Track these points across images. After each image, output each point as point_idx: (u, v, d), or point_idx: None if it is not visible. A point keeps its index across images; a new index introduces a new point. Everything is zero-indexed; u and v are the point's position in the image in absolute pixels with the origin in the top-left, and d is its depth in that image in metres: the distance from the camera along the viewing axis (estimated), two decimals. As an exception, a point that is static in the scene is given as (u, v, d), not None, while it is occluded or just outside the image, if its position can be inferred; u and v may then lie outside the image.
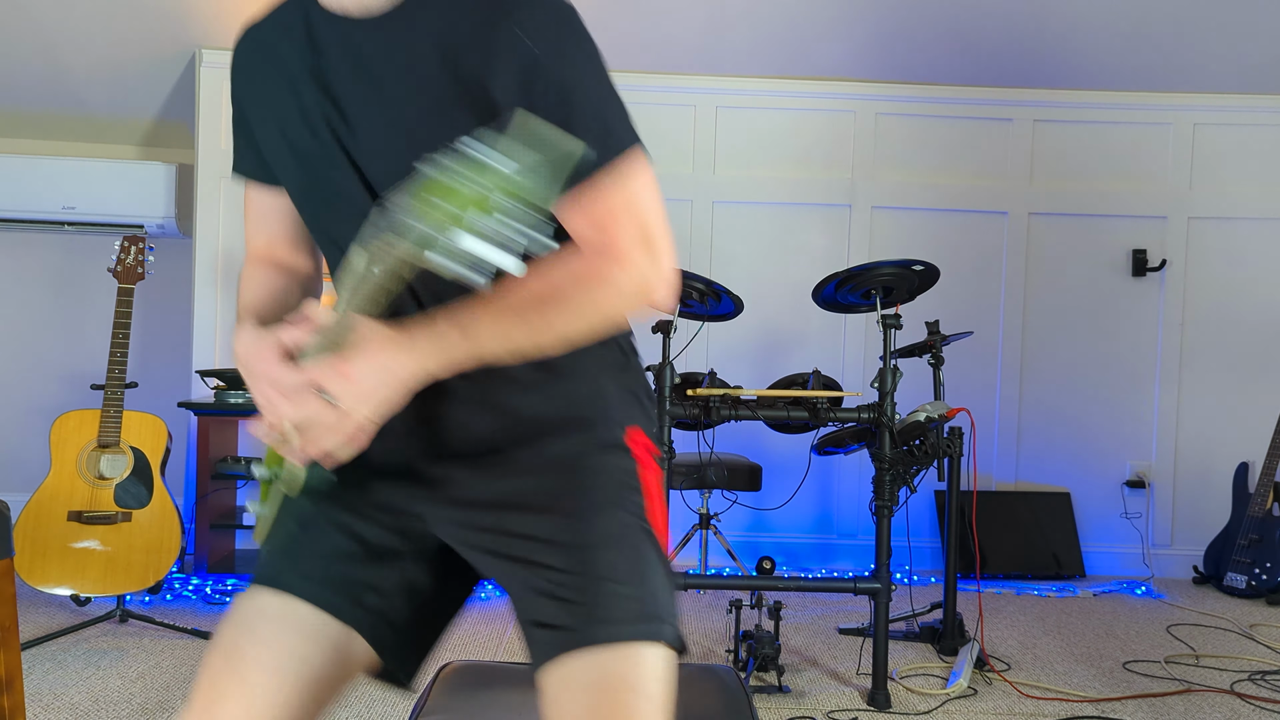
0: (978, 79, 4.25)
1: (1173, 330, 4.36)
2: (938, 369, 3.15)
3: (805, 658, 3.12)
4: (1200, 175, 4.36)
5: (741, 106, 4.30)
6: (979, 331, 4.33)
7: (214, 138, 4.19)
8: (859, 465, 4.34)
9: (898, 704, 2.75)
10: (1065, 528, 4.28)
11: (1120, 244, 4.37)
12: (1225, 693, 2.88)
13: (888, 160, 4.35)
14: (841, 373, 4.33)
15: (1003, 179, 4.35)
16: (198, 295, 4.20)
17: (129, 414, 3.09)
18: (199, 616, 3.36)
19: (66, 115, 4.46)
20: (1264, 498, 4.02)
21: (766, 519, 4.24)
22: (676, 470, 3.49)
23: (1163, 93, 4.30)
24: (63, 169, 4.23)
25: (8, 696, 1.64)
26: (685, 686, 1.56)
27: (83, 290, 4.65)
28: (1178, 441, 4.38)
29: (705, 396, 2.76)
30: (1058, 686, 2.92)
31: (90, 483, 3.05)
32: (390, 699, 2.67)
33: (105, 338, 3.38)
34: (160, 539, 3.06)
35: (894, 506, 2.75)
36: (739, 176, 4.31)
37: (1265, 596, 3.92)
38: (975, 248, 4.36)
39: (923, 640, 3.30)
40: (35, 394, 4.66)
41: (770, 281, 4.32)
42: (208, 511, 3.80)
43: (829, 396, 2.79)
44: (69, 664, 2.88)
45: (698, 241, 4.28)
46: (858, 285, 2.87)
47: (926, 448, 2.87)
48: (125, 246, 3.17)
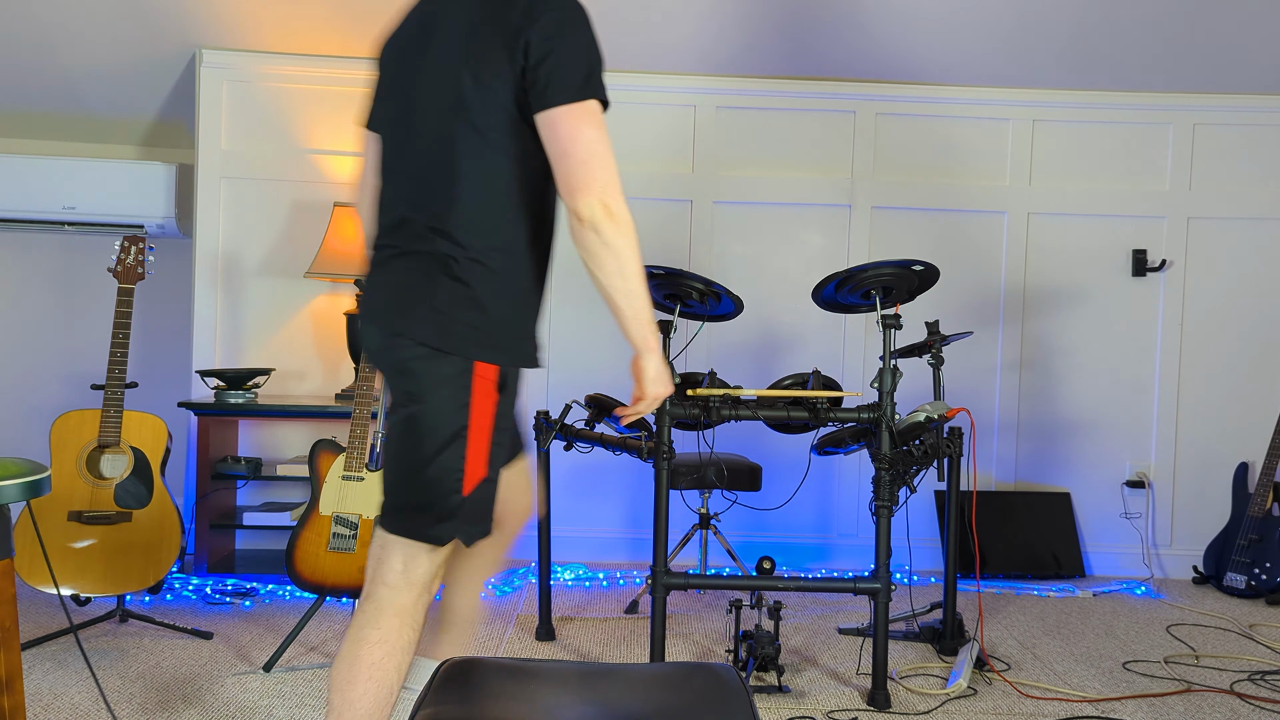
0: (976, 79, 4.25)
1: (1172, 330, 4.36)
2: (938, 369, 3.14)
3: (805, 658, 3.12)
4: (1200, 175, 4.36)
5: (742, 106, 4.30)
6: (979, 331, 4.33)
7: (214, 138, 4.20)
8: (859, 465, 4.35)
9: (898, 704, 2.75)
10: (1065, 528, 4.28)
11: (1120, 244, 4.38)
12: (1225, 693, 2.89)
13: (888, 160, 4.35)
14: (841, 373, 4.34)
15: (1002, 178, 4.36)
16: (198, 295, 4.20)
17: (129, 414, 3.10)
18: (199, 616, 3.37)
19: (66, 115, 4.46)
20: (1264, 498, 4.02)
21: (766, 519, 4.24)
22: (676, 470, 3.50)
23: (1163, 93, 4.30)
24: (63, 169, 4.24)
25: (8, 696, 1.64)
26: (686, 686, 1.56)
27: (83, 290, 4.66)
28: (1178, 441, 4.38)
29: (705, 396, 2.76)
30: (1057, 686, 2.92)
31: (90, 483, 3.05)
32: (390, 699, 2.67)
33: (105, 338, 3.38)
34: (160, 539, 3.06)
35: (894, 506, 2.75)
36: (739, 177, 4.31)
37: (1265, 596, 3.92)
38: (975, 248, 4.37)
39: (923, 640, 3.30)
40: (35, 394, 4.66)
41: (770, 281, 4.32)
42: (208, 511, 3.80)
43: (829, 396, 2.79)
44: (69, 664, 2.88)
45: (698, 241, 4.28)
46: (858, 285, 2.87)
47: (926, 448, 2.87)
48: (125, 246, 3.17)
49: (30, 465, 1.66)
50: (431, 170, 1.75)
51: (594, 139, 1.68)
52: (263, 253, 4.24)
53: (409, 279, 1.76)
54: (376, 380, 3.01)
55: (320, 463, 2.92)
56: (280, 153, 4.23)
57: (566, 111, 1.67)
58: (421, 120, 1.77)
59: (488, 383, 1.75)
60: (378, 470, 2.89)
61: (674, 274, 2.83)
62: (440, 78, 1.75)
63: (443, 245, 1.73)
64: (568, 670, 1.59)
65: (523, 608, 3.60)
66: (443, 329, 1.72)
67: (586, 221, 1.71)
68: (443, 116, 1.74)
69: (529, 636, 3.28)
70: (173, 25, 3.99)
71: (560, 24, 1.68)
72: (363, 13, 3.95)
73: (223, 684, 2.76)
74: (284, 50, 4.17)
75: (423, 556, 1.77)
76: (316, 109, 4.23)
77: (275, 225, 4.23)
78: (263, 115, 4.22)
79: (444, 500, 1.74)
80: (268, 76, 4.21)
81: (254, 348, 4.24)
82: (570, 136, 1.67)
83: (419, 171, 1.77)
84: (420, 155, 1.77)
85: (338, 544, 2.85)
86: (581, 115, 1.68)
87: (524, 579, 3.95)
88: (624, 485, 4.32)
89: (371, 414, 2.95)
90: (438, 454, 1.73)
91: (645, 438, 2.83)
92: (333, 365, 4.27)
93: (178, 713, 2.55)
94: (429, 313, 1.73)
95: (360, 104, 3.20)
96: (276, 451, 4.24)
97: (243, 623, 3.31)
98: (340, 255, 3.91)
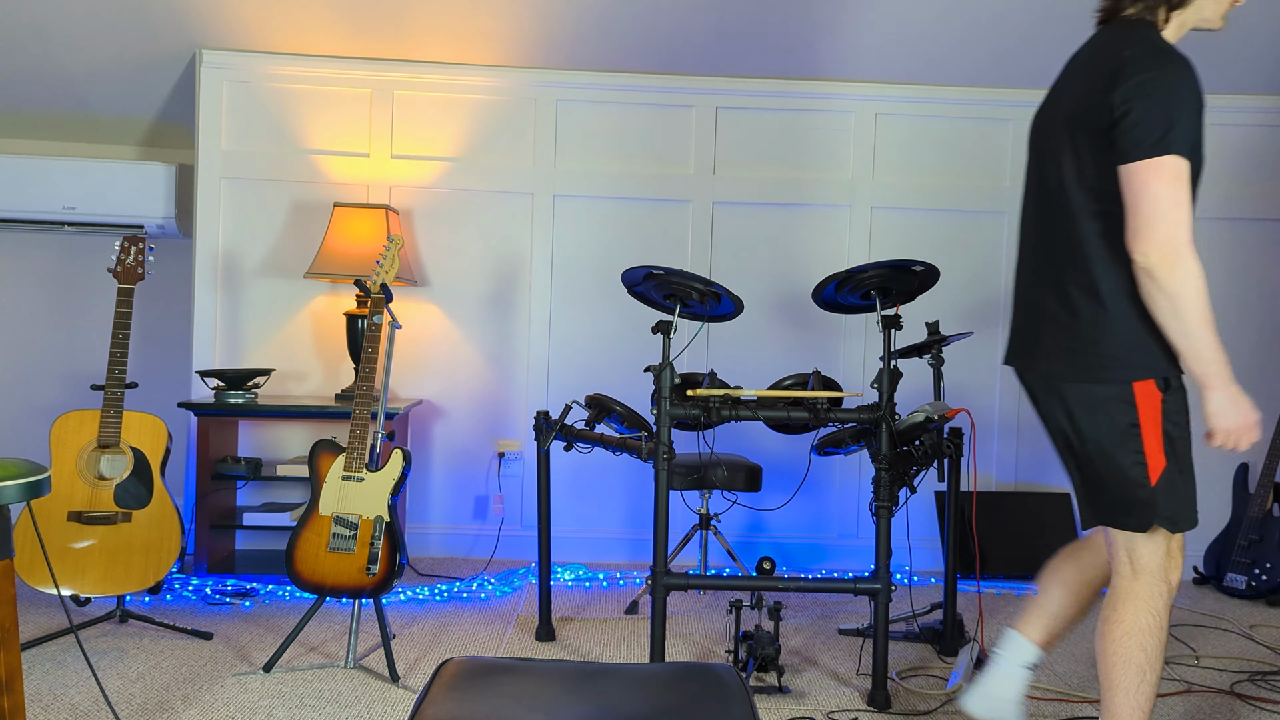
0: (976, 79, 4.25)
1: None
2: (938, 369, 3.14)
3: (805, 658, 3.12)
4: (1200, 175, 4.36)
5: (741, 107, 4.30)
6: (979, 332, 4.33)
7: (214, 138, 4.20)
8: (859, 465, 4.35)
9: (898, 704, 2.75)
10: (1065, 528, 4.28)
11: (1120, 244, 4.37)
12: (1225, 693, 2.89)
13: (888, 160, 4.35)
14: (841, 373, 4.34)
15: (1002, 179, 4.36)
16: (198, 295, 4.20)
17: (129, 414, 3.10)
18: (199, 617, 3.37)
19: (66, 115, 4.46)
20: (1264, 498, 4.02)
21: (766, 519, 4.24)
22: (676, 470, 3.50)
23: (1163, 93, 4.30)
24: (63, 169, 4.24)
25: (8, 697, 1.64)
26: (686, 686, 1.56)
27: (83, 290, 4.66)
28: (1178, 442, 4.37)
29: (705, 397, 2.76)
30: (1058, 687, 2.92)
31: (90, 483, 3.05)
32: (390, 698, 2.67)
33: (105, 338, 3.38)
34: (160, 539, 3.06)
35: (894, 507, 2.75)
36: (739, 176, 4.31)
37: (1265, 597, 3.92)
38: (975, 248, 4.37)
39: (923, 641, 3.30)
40: (35, 394, 4.66)
41: (770, 281, 4.33)
42: (208, 511, 3.80)
43: (829, 397, 2.79)
44: (69, 664, 2.88)
45: (698, 241, 4.28)
46: (858, 286, 2.87)
47: (926, 448, 2.87)
48: (125, 247, 3.17)
49: (30, 465, 1.66)
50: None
51: (1161, 194, 1.85)
52: (263, 253, 4.24)
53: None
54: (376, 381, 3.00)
55: (320, 463, 2.92)
56: (280, 153, 4.23)
57: (1138, 167, 1.87)
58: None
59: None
60: (378, 471, 2.89)
61: (674, 274, 2.84)
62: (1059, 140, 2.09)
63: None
64: (568, 670, 1.59)
65: (523, 608, 3.60)
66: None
67: (1141, 267, 1.88)
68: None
69: (529, 637, 3.28)
70: (173, 25, 3.99)
71: (1142, 85, 1.88)
72: (363, 13, 3.95)
73: (223, 684, 2.76)
74: (284, 50, 4.17)
75: (1140, 546, 1.99)
76: (316, 109, 4.23)
77: (275, 225, 4.23)
78: (263, 115, 4.22)
79: (1133, 491, 1.98)
80: (268, 76, 4.21)
81: (254, 348, 4.24)
82: (1137, 191, 1.87)
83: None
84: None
85: (337, 544, 2.85)
86: (1150, 171, 1.86)
87: (524, 579, 3.95)
88: (624, 485, 4.32)
89: (371, 414, 2.95)
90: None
91: (645, 438, 2.83)
92: (333, 366, 4.27)
93: (177, 713, 2.55)
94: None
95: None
96: (276, 452, 4.24)
97: (242, 623, 3.31)
98: (340, 256, 3.91)
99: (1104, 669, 2.02)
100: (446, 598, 3.70)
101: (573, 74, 4.24)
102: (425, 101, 4.27)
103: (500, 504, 4.29)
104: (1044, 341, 2.05)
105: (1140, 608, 2.00)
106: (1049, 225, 2.08)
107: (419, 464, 4.29)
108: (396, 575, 2.85)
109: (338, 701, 2.65)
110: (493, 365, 4.31)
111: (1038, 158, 2.15)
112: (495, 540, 4.28)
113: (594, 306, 4.30)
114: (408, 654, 3.06)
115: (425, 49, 4.15)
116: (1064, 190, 2.02)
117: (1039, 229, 2.12)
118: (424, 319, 4.29)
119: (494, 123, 4.28)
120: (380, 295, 3.02)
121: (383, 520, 2.85)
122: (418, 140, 4.27)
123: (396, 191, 4.26)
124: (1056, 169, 2.04)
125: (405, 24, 4.00)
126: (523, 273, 4.30)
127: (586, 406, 3.12)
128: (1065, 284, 2.01)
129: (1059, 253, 2.04)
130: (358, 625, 2.93)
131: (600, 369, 4.31)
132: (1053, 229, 2.06)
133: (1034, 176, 2.16)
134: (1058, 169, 2.04)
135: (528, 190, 4.28)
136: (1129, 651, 1.99)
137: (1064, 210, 2.03)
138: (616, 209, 4.27)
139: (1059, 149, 2.05)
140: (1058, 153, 2.05)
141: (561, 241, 4.29)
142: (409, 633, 3.28)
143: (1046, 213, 2.09)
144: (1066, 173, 2.01)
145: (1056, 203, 2.05)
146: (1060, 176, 2.03)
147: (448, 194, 4.28)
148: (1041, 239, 2.11)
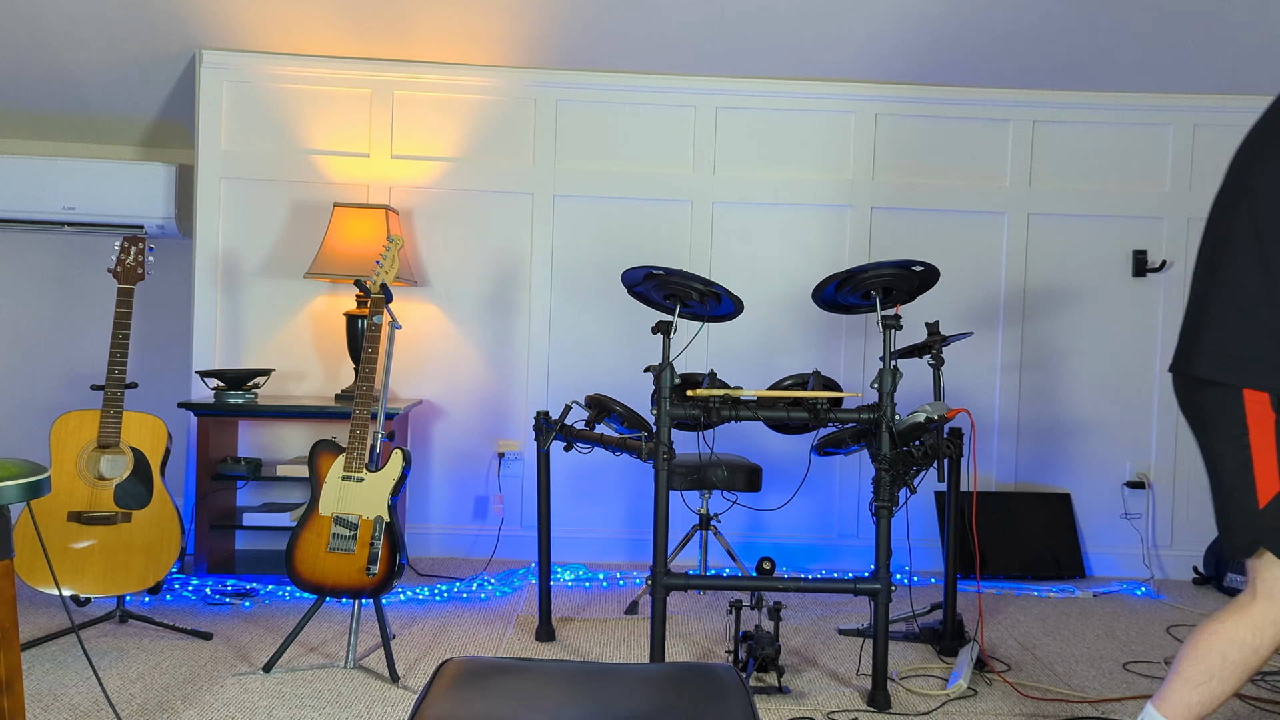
0: (976, 80, 4.25)
1: (1173, 331, 4.36)
2: (938, 369, 3.14)
3: (805, 658, 3.12)
4: (1200, 176, 4.36)
5: (742, 107, 4.30)
6: (979, 332, 4.33)
7: (214, 138, 4.20)
8: (859, 465, 4.35)
9: (898, 705, 2.75)
10: (1065, 528, 4.28)
11: (1120, 244, 4.38)
12: (1225, 693, 2.88)
13: (887, 160, 4.35)
14: (841, 373, 4.34)
15: (1002, 179, 4.36)
16: (198, 295, 4.20)
17: (129, 414, 3.10)
18: (199, 617, 3.37)
19: (66, 115, 4.47)
20: (1264, 498, 4.02)
21: (766, 519, 4.24)
22: (676, 471, 3.50)
23: (1162, 94, 4.31)
24: (63, 169, 4.24)
25: (8, 697, 1.64)
26: (685, 686, 1.56)
27: (83, 290, 4.66)
28: (1178, 442, 4.38)
29: (705, 397, 2.76)
30: (1057, 687, 2.92)
31: (90, 483, 3.05)
32: (390, 698, 2.67)
33: (105, 338, 3.38)
34: (160, 539, 3.06)
35: (894, 507, 2.75)
36: (739, 177, 4.31)
37: (1265, 597, 3.92)
38: (975, 248, 4.37)
39: (923, 641, 3.30)
40: (35, 394, 4.66)
41: (770, 281, 4.33)
42: (208, 511, 3.80)
43: (829, 397, 2.79)
44: (69, 664, 2.88)
45: (698, 241, 4.28)
46: (858, 286, 2.87)
47: (926, 448, 2.87)
48: (125, 247, 3.17)
49: (30, 466, 1.66)
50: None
51: None
52: (263, 253, 4.24)
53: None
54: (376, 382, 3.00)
55: (320, 463, 2.92)
56: (280, 153, 4.23)
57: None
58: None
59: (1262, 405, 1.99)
60: (377, 471, 2.89)
61: (674, 274, 2.84)
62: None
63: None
64: (568, 670, 1.59)
65: (523, 608, 3.60)
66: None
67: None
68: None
69: (529, 637, 3.28)
70: (173, 25, 4.00)
71: None
72: (362, 13, 3.95)
73: (223, 685, 2.76)
74: (284, 50, 4.17)
75: (1266, 569, 1.98)
76: (316, 109, 4.23)
77: (275, 225, 4.23)
78: (263, 115, 4.22)
79: (1240, 513, 2.00)
80: (268, 77, 4.21)
81: (254, 348, 4.24)
82: None
83: None
84: None
85: (337, 544, 2.85)
86: None
87: (524, 579, 3.95)
88: (624, 486, 4.32)
89: (371, 414, 2.95)
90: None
91: (645, 438, 2.83)
92: (332, 366, 4.27)
93: (177, 713, 2.55)
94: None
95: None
96: (276, 452, 4.24)
97: (242, 623, 3.31)
98: (340, 256, 3.91)
99: (1178, 657, 2.03)
100: (446, 598, 3.70)
101: (573, 74, 4.24)
102: (425, 102, 4.27)
103: (500, 504, 4.29)
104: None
105: (1244, 621, 1.99)
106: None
107: (419, 464, 4.29)
108: (396, 575, 2.85)
109: (338, 702, 2.65)
110: (492, 365, 4.31)
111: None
112: (495, 540, 4.28)
113: (594, 307, 4.31)
114: (408, 654, 3.06)
115: (425, 49, 4.16)
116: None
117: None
118: (424, 319, 4.29)
119: (494, 123, 4.28)
120: (380, 295, 3.02)
121: (383, 520, 2.85)
122: (418, 140, 4.27)
123: (396, 191, 4.26)
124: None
125: (405, 24, 4.01)
126: (522, 273, 4.30)
127: (586, 406, 3.12)
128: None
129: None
130: (358, 625, 2.93)
131: (600, 369, 4.31)
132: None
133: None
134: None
135: (527, 190, 4.28)
136: (1208, 651, 1.99)
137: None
138: (616, 209, 4.27)
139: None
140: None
141: (561, 241, 4.29)
142: (409, 633, 3.28)
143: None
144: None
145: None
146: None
147: (448, 194, 4.28)
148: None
